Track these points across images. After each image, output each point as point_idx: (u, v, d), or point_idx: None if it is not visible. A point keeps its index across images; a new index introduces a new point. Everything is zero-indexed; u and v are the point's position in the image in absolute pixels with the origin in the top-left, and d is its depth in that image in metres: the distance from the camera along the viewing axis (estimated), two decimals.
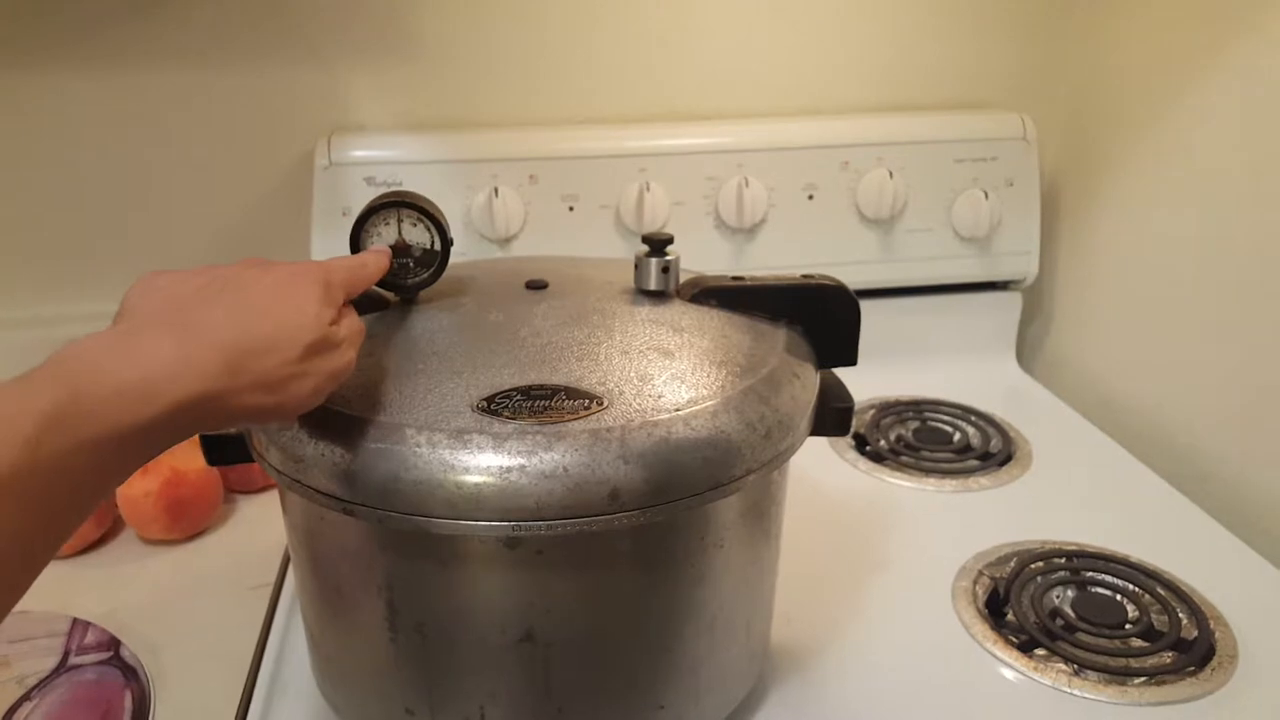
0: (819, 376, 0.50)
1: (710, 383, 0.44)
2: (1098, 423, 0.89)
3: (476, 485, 0.38)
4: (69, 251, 0.87)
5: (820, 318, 0.51)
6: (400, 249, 0.48)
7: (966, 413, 0.89)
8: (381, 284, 0.48)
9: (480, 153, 0.83)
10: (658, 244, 0.50)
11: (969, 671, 0.59)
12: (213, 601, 0.62)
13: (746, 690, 0.53)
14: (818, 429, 0.49)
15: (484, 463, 0.38)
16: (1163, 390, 0.87)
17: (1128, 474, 0.81)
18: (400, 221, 0.48)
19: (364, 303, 0.49)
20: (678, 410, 0.41)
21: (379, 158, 0.82)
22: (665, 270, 0.51)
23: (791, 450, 0.46)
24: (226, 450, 0.47)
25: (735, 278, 0.52)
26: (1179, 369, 0.85)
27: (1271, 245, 0.75)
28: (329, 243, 0.82)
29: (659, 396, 0.42)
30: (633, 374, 0.43)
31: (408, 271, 0.48)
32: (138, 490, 0.65)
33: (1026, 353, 1.03)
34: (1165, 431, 0.86)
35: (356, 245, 0.47)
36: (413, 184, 0.82)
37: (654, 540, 0.43)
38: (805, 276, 0.52)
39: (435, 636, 0.43)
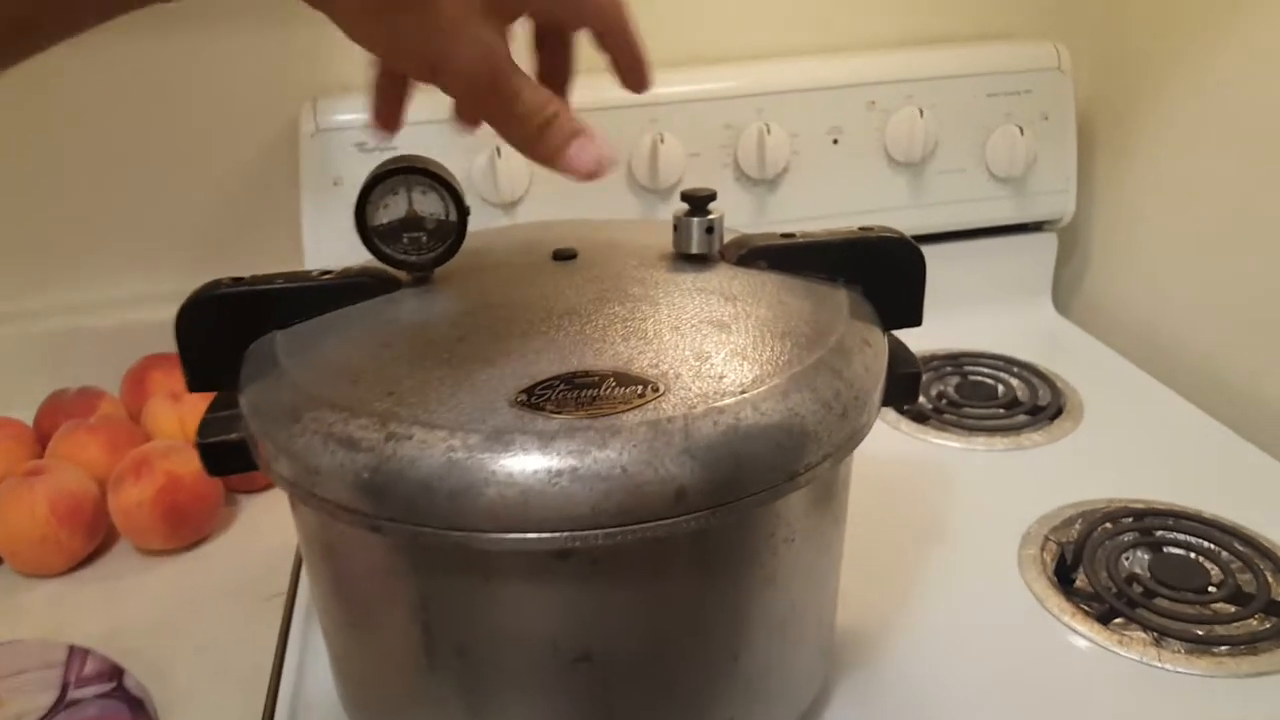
0: (886, 341, 0.45)
1: (775, 358, 0.38)
2: (1146, 368, 0.84)
3: (522, 493, 0.33)
4: (40, 240, 0.80)
5: (882, 275, 0.46)
6: (412, 222, 0.42)
7: (1008, 364, 0.84)
8: (392, 262, 0.43)
9: None
10: (699, 202, 0.45)
11: (1047, 649, 0.54)
12: (222, 615, 0.57)
13: (818, 688, 0.49)
14: (886, 399, 0.44)
15: (529, 466, 0.33)
16: (1216, 331, 0.82)
17: (1187, 421, 0.76)
18: (410, 191, 0.42)
19: (372, 284, 0.43)
20: (744, 392, 0.36)
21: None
22: (709, 231, 0.45)
23: (867, 428, 0.41)
24: (228, 459, 0.41)
25: (785, 235, 0.47)
26: (1233, 308, 0.80)
27: None
28: (322, 216, 0.76)
29: (720, 377, 0.37)
30: (687, 352, 0.38)
31: (421, 247, 0.43)
32: (131, 499, 0.60)
33: (1061, 295, 0.98)
34: (1222, 375, 0.81)
35: (363, 220, 0.42)
36: (407, 148, 0.75)
37: (721, 541, 0.38)
38: (863, 229, 0.47)
39: (479, 660, 0.38)
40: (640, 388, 0.36)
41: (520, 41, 0.41)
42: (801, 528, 0.41)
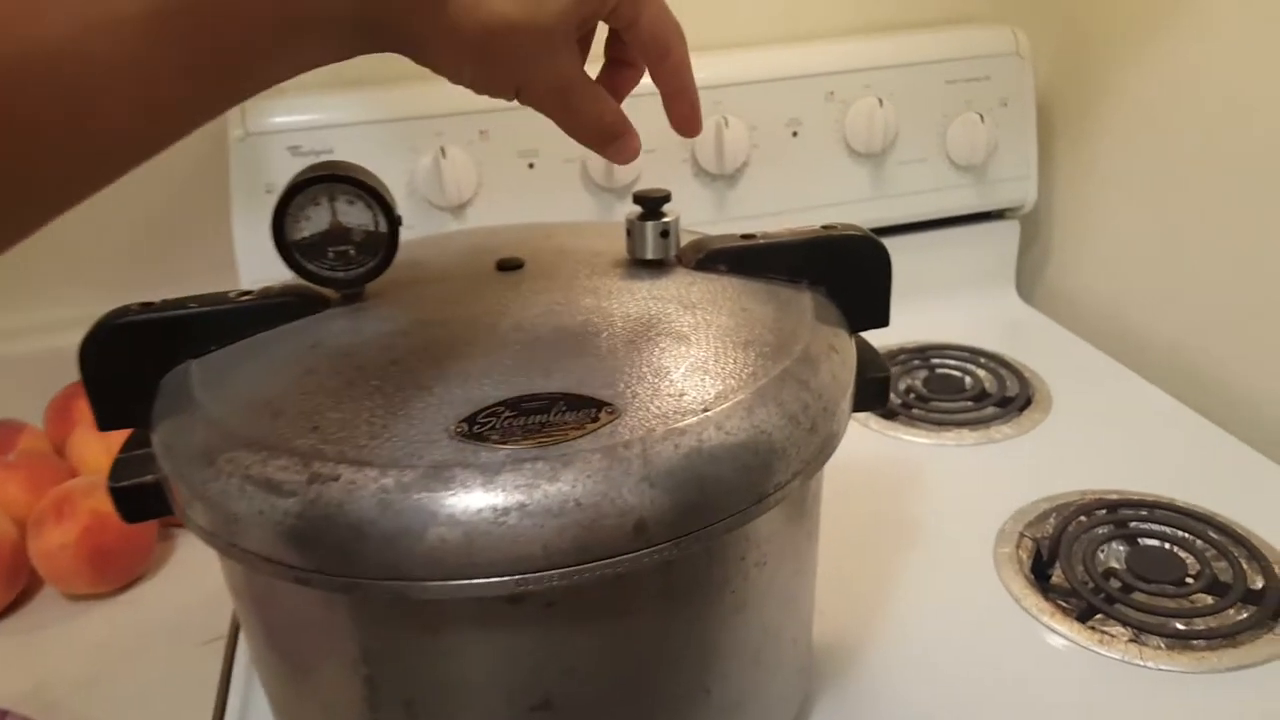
0: (853, 344, 0.42)
1: (739, 370, 0.35)
2: (1112, 353, 0.82)
3: (466, 535, 0.30)
4: None
5: (847, 275, 0.43)
6: (337, 234, 0.39)
7: (975, 355, 0.82)
8: (317, 279, 0.39)
9: (422, 108, 0.73)
10: (653, 203, 0.42)
11: (1027, 650, 0.53)
12: (156, 663, 0.53)
13: (796, 708, 0.46)
14: (856, 406, 0.42)
15: (473, 505, 0.30)
16: (1181, 315, 0.80)
17: (1155, 407, 0.75)
18: (333, 201, 0.38)
19: (296, 304, 0.40)
20: (706, 410, 0.33)
21: (303, 123, 0.72)
22: (664, 235, 0.42)
23: (837, 439, 0.38)
24: (145, 503, 0.38)
25: (745, 236, 0.44)
26: (1198, 292, 0.78)
27: None
28: (255, 227, 0.71)
29: (681, 395, 0.34)
30: (644, 368, 0.35)
31: (348, 261, 0.39)
32: (53, 542, 0.55)
33: (1024, 283, 0.96)
34: (1188, 359, 0.80)
35: (282, 235, 0.38)
36: (345, 150, 0.72)
37: (687, 572, 0.35)
38: (825, 227, 0.44)
39: (428, 713, 0.35)
40: (593, 410, 0.33)
41: None
42: (773, 549, 0.38)
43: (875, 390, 0.43)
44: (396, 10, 0.31)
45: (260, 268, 0.71)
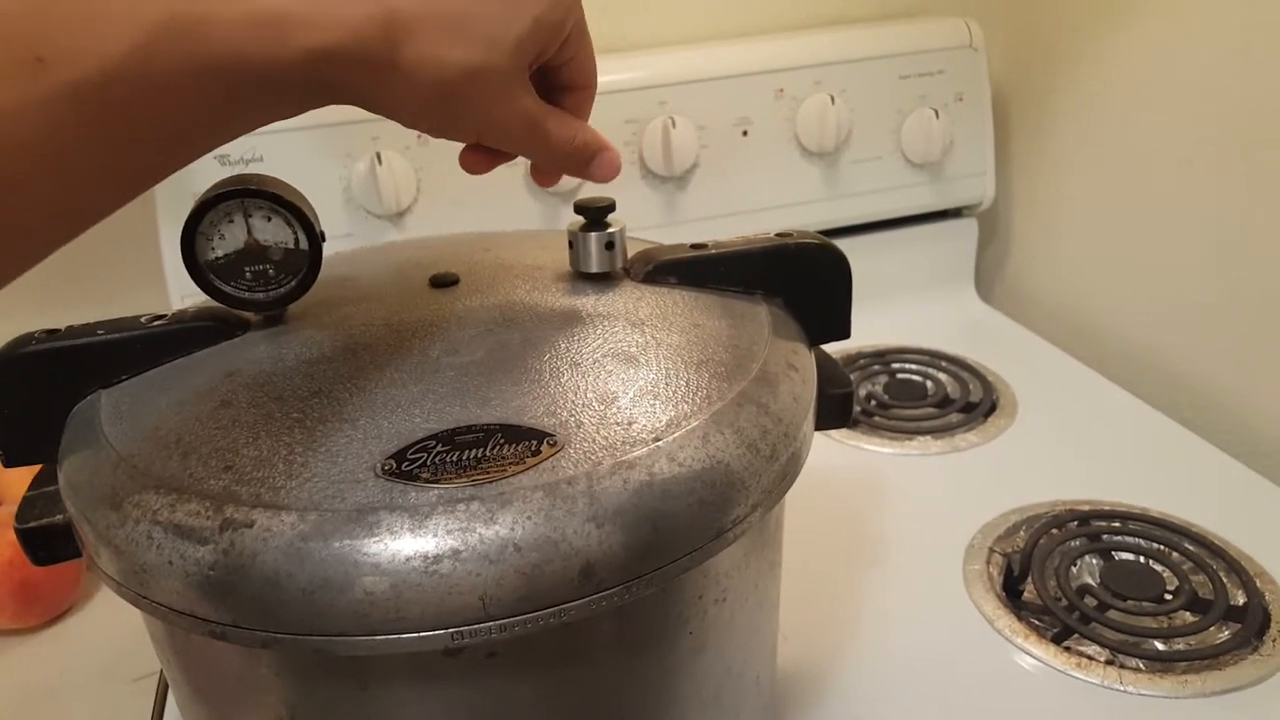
0: (813, 359, 0.40)
1: (692, 394, 0.33)
2: (1074, 352, 0.81)
3: (394, 587, 0.27)
4: None
5: (804, 285, 0.41)
6: (253, 252, 0.36)
7: (936, 358, 0.80)
8: (233, 302, 0.36)
9: (356, 112, 0.68)
10: (596, 213, 0.39)
11: (1001, 675, 0.51)
12: (84, 703, 0.49)
13: None
14: (817, 424, 0.39)
15: (401, 552, 0.27)
16: (1146, 314, 0.79)
17: (1121, 409, 0.74)
18: (249, 217, 0.35)
19: (212, 328, 0.37)
20: (657, 440, 0.31)
21: None
22: (609, 246, 0.39)
23: (799, 465, 0.36)
24: (55, 545, 0.35)
25: (696, 245, 0.41)
26: (1163, 288, 0.77)
27: (1257, 149, 0.67)
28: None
29: (629, 423, 0.31)
30: (590, 394, 0.32)
31: (267, 281, 0.36)
32: None
33: (983, 282, 0.95)
34: (1154, 359, 0.79)
35: (192, 255, 0.35)
36: (277, 156, 0.68)
37: (640, 615, 0.32)
38: (780, 235, 0.42)
39: None
40: (534, 443, 0.30)
41: None
42: (733, 584, 0.35)
43: (837, 407, 0.41)
44: (347, 72, 0.30)
45: (191, 284, 0.68)
